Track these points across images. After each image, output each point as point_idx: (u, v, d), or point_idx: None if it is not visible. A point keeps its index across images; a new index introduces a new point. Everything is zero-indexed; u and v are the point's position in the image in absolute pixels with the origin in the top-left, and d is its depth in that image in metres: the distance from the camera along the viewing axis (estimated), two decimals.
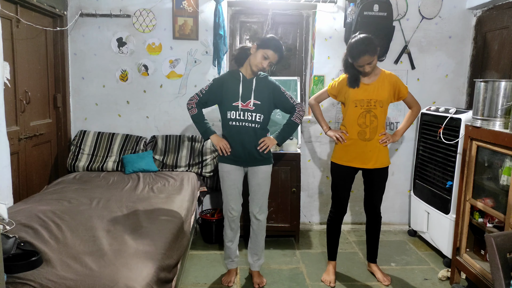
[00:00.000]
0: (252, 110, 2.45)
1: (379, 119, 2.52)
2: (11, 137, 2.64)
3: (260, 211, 2.61)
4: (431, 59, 3.62)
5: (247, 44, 2.74)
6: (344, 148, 2.60)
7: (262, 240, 2.69)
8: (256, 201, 2.60)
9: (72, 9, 3.39)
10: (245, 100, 2.45)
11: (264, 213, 2.63)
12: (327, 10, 3.49)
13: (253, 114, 2.46)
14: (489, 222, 2.48)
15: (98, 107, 3.56)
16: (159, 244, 1.98)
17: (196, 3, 3.42)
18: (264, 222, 2.65)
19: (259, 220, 2.62)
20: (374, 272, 2.81)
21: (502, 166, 2.33)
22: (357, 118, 2.53)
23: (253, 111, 2.45)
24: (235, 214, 2.61)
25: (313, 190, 3.76)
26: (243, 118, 2.46)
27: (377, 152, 2.56)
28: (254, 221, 2.64)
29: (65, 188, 2.84)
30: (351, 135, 2.57)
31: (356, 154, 2.57)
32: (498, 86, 2.31)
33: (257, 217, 2.61)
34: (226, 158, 2.55)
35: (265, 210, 2.64)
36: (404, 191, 3.78)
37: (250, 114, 2.45)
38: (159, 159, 3.40)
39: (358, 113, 2.52)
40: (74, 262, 1.75)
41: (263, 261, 2.77)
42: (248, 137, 2.48)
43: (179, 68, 3.53)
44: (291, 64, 3.82)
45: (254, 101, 2.45)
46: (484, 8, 3.41)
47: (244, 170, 2.61)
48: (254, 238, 2.68)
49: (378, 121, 2.52)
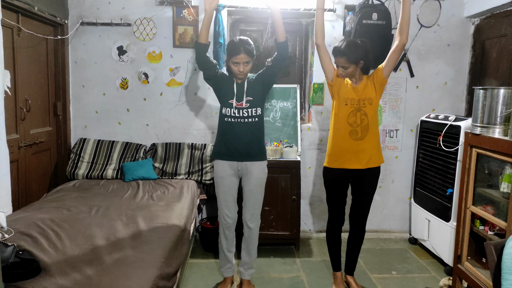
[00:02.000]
0: (247, 107, 2.49)
1: (369, 117, 2.47)
2: (11, 145, 2.64)
3: (252, 219, 2.60)
4: (430, 67, 3.64)
5: None
6: (336, 150, 2.55)
7: (254, 249, 2.67)
8: (248, 207, 2.60)
9: (73, 17, 3.42)
10: (239, 100, 2.50)
11: (256, 221, 2.62)
12: (326, 19, 3.51)
13: (249, 110, 2.50)
14: (490, 229, 2.47)
15: (98, 115, 3.57)
16: (159, 252, 1.97)
17: (196, 12, 3.44)
18: (256, 231, 2.64)
19: (250, 228, 2.61)
20: (350, 285, 2.74)
21: (502, 174, 2.33)
22: (347, 116, 2.48)
23: (248, 107, 2.49)
24: (230, 221, 2.60)
25: (314, 198, 3.75)
26: (238, 115, 2.49)
27: (370, 150, 2.51)
28: (245, 228, 2.64)
29: (64, 196, 2.83)
30: (342, 136, 2.51)
31: (349, 155, 2.51)
32: (497, 93, 2.32)
33: (249, 224, 2.61)
34: (220, 154, 2.56)
35: (258, 218, 2.63)
36: (405, 199, 3.77)
37: (246, 110, 2.50)
38: (159, 166, 3.39)
39: (348, 111, 2.48)
40: (72, 271, 1.74)
41: (254, 271, 2.75)
42: (243, 132, 2.50)
43: (179, 76, 3.55)
44: (291, 72, 3.83)
45: (247, 99, 2.50)
46: (482, 16, 3.44)
47: (237, 170, 2.58)
48: (246, 246, 2.67)
49: (369, 119, 2.47)
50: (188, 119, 3.60)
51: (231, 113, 2.50)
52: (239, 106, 2.49)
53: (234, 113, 2.49)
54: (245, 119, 2.49)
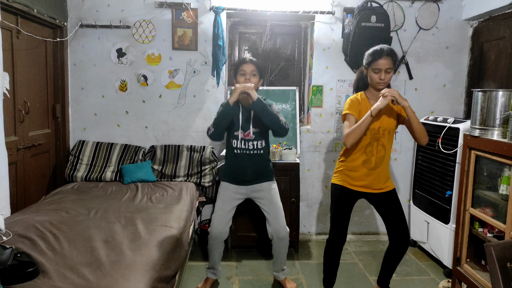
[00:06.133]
0: (252, 139, 2.50)
1: (386, 149, 2.34)
2: (10, 147, 2.64)
3: (281, 229, 2.57)
4: (429, 69, 3.64)
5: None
6: (346, 173, 2.41)
7: (284, 255, 2.69)
8: (273, 218, 2.57)
9: (72, 20, 3.42)
10: (245, 129, 2.50)
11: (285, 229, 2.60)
12: (325, 21, 3.53)
13: (254, 143, 2.51)
14: (489, 232, 2.47)
15: (97, 117, 3.57)
16: (157, 255, 1.96)
17: (195, 14, 3.45)
18: (287, 240, 2.62)
19: (281, 239, 2.59)
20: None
21: (501, 176, 2.33)
22: (365, 146, 2.33)
23: (254, 139, 2.50)
24: (216, 234, 2.58)
25: (312, 200, 3.75)
26: (244, 147, 2.51)
27: (380, 179, 2.37)
28: (276, 240, 2.60)
29: (63, 198, 2.83)
30: (356, 162, 2.36)
31: (359, 181, 2.37)
32: (496, 95, 2.33)
33: (279, 236, 2.58)
34: (227, 177, 2.61)
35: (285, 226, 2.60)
36: (404, 201, 3.76)
37: (252, 143, 2.50)
38: (158, 169, 3.39)
39: (367, 142, 2.32)
40: (71, 273, 1.73)
41: (286, 267, 2.80)
42: (249, 163, 2.53)
43: (178, 79, 3.55)
44: (290, 74, 3.84)
45: (253, 130, 2.50)
46: (481, 19, 3.45)
47: (244, 192, 2.60)
48: (277, 253, 2.67)
49: (386, 151, 2.34)
50: (187, 121, 3.60)
51: (237, 145, 2.51)
52: (245, 138, 2.49)
53: (241, 145, 2.50)
54: (251, 151, 2.51)
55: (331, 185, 2.51)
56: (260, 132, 2.52)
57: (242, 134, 2.49)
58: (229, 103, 2.38)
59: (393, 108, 2.34)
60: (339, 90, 3.62)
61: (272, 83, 3.76)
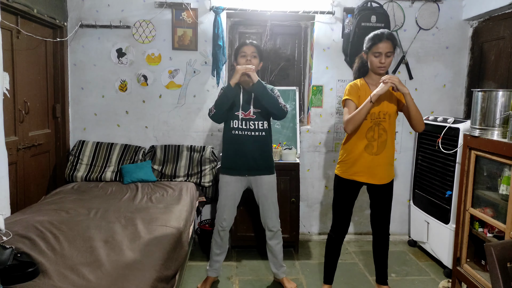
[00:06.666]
0: (253, 119, 2.49)
1: (388, 133, 2.33)
2: (10, 147, 2.64)
3: (273, 223, 2.65)
4: (429, 69, 3.64)
5: None
6: (349, 159, 2.42)
7: (279, 249, 2.72)
8: (266, 213, 2.63)
9: (72, 20, 3.42)
10: (246, 109, 2.49)
11: (278, 224, 2.67)
12: (325, 21, 3.53)
13: (256, 122, 2.49)
14: (489, 232, 2.47)
15: (97, 117, 3.57)
16: (157, 255, 1.96)
17: (195, 14, 3.45)
18: (279, 233, 2.69)
19: (273, 232, 2.66)
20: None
21: (501, 176, 2.33)
22: (366, 131, 2.32)
23: (255, 119, 2.49)
24: (226, 225, 2.63)
25: (312, 200, 3.75)
26: (244, 127, 2.49)
27: (384, 166, 2.37)
28: (268, 233, 2.67)
29: (63, 198, 2.83)
30: (358, 149, 2.35)
31: (363, 168, 2.36)
32: (496, 95, 2.33)
33: (271, 228, 2.65)
34: (227, 168, 2.58)
35: (278, 221, 2.67)
36: (404, 201, 3.77)
37: (253, 122, 2.49)
38: (158, 169, 3.39)
39: (368, 126, 2.32)
40: (71, 273, 1.73)
41: (285, 267, 2.81)
42: (250, 146, 2.50)
43: (178, 79, 3.55)
44: (290, 74, 3.84)
45: (253, 110, 2.49)
46: (481, 19, 3.45)
47: (245, 182, 2.62)
48: (272, 249, 2.70)
49: (388, 135, 2.33)
50: (187, 121, 3.60)
51: (238, 125, 2.49)
52: (246, 117, 2.48)
53: (241, 125, 2.49)
54: (252, 132, 2.49)
55: (334, 175, 2.54)
56: (261, 113, 2.50)
57: (243, 114, 2.49)
58: (230, 84, 2.39)
59: (393, 94, 2.35)
60: (339, 90, 3.62)
61: (272, 83, 3.76)
